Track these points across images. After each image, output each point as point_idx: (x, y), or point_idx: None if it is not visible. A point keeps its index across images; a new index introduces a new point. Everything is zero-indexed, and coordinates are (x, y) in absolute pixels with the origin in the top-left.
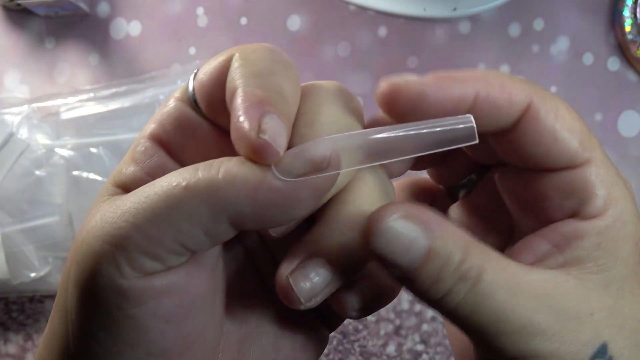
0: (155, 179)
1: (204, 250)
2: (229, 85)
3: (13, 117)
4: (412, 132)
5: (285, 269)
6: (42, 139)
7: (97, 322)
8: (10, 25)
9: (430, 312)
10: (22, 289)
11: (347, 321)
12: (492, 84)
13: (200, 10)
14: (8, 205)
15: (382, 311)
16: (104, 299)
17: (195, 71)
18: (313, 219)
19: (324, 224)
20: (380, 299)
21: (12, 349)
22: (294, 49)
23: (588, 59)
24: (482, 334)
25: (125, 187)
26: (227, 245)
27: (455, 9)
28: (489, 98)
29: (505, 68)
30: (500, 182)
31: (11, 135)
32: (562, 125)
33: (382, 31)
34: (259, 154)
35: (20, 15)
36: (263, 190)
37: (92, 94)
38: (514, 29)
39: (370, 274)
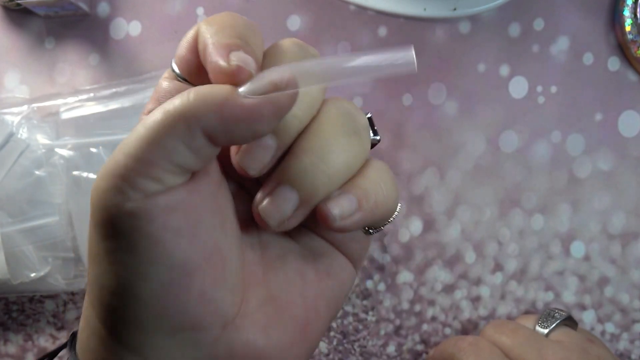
0: None
1: (196, 169)
2: (200, 46)
3: (13, 117)
4: (359, 62)
5: (258, 198)
6: (42, 139)
7: (120, 249)
8: (10, 25)
9: (430, 312)
10: (22, 289)
11: (347, 321)
12: None
13: (200, 10)
14: (8, 205)
15: (382, 311)
16: (120, 225)
17: (174, 59)
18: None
19: (288, 156)
20: (361, 209)
21: (12, 349)
22: None
23: (588, 59)
24: None
25: None
26: (230, 185)
27: (455, 9)
28: None
29: (505, 68)
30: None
31: (11, 135)
32: None
33: (382, 31)
34: (233, 76)
35: (20, 15)
36: (229, 105)
37: (92, 94)
38: (514, 29)
39: (348, 188)
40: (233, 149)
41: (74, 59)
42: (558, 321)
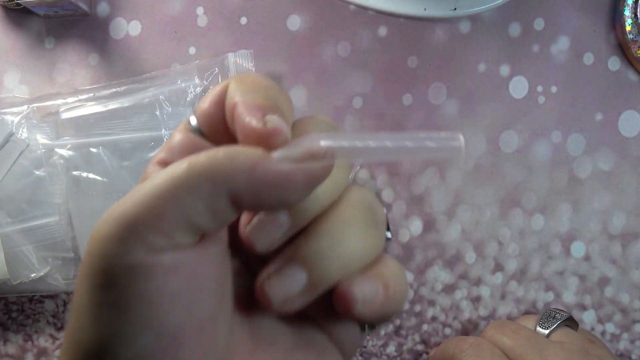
0: None
1: (209, 231)
2: (228, 103)
3: (13, 117)
4: (402, 145)
5: (263, 274)
6: (42, 139)
7: (108, 305)
8: (10, 25)
9: (430, 312)
10: (21, 289)
11: None
12: None
13: (200, 10)
14: (8, 205)
15: None
16: (115, 277)
17: (194, 108)
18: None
19: (303, 235)
20: (381, 296)
21: (11, 349)
22: (294, 49)
23: (588, 58)
24: None
25: None
26: (233, 260)
27: (455, 9)
28: None
29: (505, 68)
30: None
31: (11, 135)
32: None
33: (382, 31)
34: (267, 139)
35: (20, 15)
36: (261, 169)
37: (92, 94)
38: (514, 29)
39: (371, 274)
40: (243, 220)
41: (74, 59)
42: (559, 322)
